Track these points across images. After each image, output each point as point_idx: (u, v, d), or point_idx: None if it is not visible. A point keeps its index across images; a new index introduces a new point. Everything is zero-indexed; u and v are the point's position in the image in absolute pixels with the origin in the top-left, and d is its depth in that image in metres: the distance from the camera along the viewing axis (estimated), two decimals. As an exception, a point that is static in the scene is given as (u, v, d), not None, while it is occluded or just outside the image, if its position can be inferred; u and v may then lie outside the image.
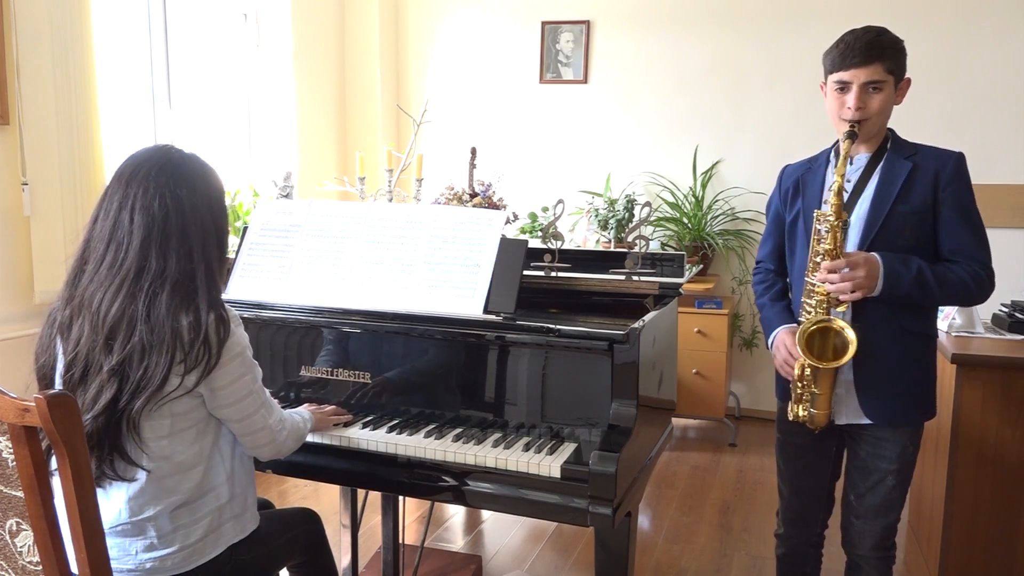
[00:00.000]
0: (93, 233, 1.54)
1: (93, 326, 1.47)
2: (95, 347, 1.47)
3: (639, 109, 4.72)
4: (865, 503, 1.96)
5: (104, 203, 1.54)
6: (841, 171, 1.81)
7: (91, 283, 1.50)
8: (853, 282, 1.78)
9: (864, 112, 1.84)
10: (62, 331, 1.52)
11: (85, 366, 1.47)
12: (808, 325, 1.85)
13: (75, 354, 1.48)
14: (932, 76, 4.11)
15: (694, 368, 4.22)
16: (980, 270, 1.84)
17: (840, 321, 1.83)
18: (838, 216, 1.80)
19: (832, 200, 1.80)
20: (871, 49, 1.82)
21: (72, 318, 1.50)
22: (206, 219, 1.55)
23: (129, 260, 1.49)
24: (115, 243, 1.50)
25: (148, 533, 1.50)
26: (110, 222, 1.52)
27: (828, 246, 1.81)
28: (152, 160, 1.55)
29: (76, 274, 1.54)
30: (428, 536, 3.08)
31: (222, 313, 1.51)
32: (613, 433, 1.67)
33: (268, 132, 4.45)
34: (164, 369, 1.45)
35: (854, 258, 1.80)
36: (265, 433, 1.61)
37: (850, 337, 1.80)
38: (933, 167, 1.85)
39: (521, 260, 1.90)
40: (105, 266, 1.50)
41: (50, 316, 1.55)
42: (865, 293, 1.80)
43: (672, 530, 3.25)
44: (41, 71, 2.83)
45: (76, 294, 1.52)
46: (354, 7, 4.89)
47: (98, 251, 1.52)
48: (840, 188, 1.80)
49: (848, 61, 1.84)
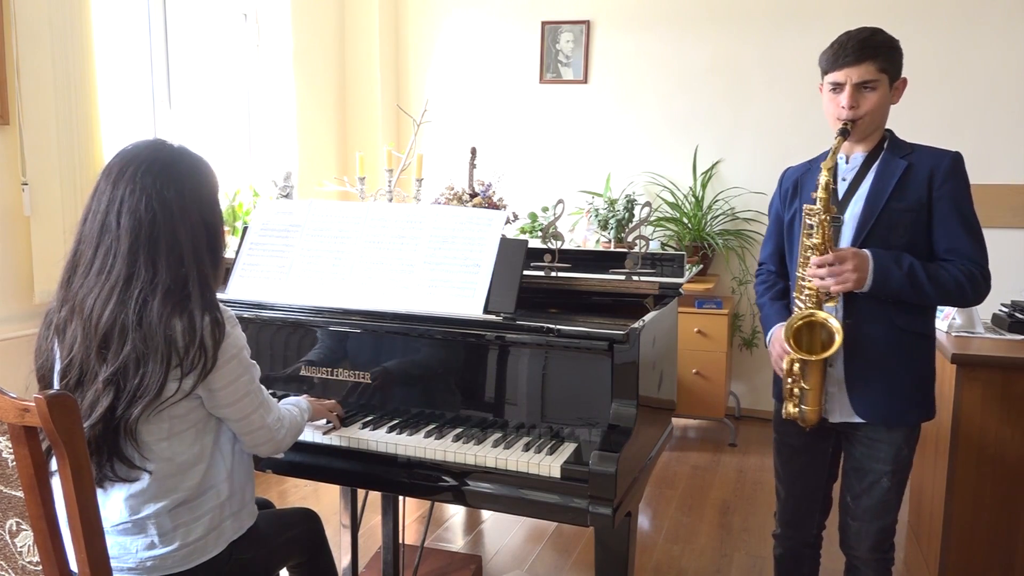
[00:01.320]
0: (83, 233, 1.50)
1: (86, 332, 1.45)
2: (89, 354, 1.44)
3: (639, 109, 4.72)
4: (861, 505, 1.96)
5: (93, 201, 1.50)
6: (828, 165, 1.81)
7: (82, 287, 1.47)
8: (840, 276, 1.79)
9: (857, 111, 1.85)
10: (58, 333, 1.50)
11: (80, 372, 1.46)
12: (795, 320, 1.86)
13: (70, 359, 1.46)
14: (932, 76, 4.12)
15: (694, 368, 4.22)
16: (975, 270, 1.83)
17: (823, 312, 1.84)
18: (826, 210, 1.81)
19: (820, 195, 1.81)
20: (863, 48, 1.83)
21: (67, 321, 1.48)
22: (196, 221, 1.51)
23: (118, 266, 1.45)
24: (103, 247, 1.46)
25: (149, 531, 1.49)
26: (98, 224, 1.48)
27: (817, 241, 1.82)
28: (140, 158, 1.49)
29: (69, 275, 1.51)
30: (428, 536, 3.08)
31: (217, 315, 1.48)
32: (613, 433, 1.67)
33: (268, 132, 4.45)
34: (160, 377, 1.43)
35: (842, 253, 1.80)
36: (263, 432, 1.61)
37: (835, 327, 1.81)
38: (928, 166, 1.85)
39: (521, 260, 1.90)
40: (95, 271, 1.47)
41: (47, 317, 1.53)
42: (852, 287, 1.80)
43: (672, 530, 3.25)
44: (41, 71, 2.83)
45: (69, 296, 1.49)
46: (354, 7, 4.89)
47: (87, 254, 1.48)
48: (828, 183, 1.81)
49: (841, 61, 1.85)
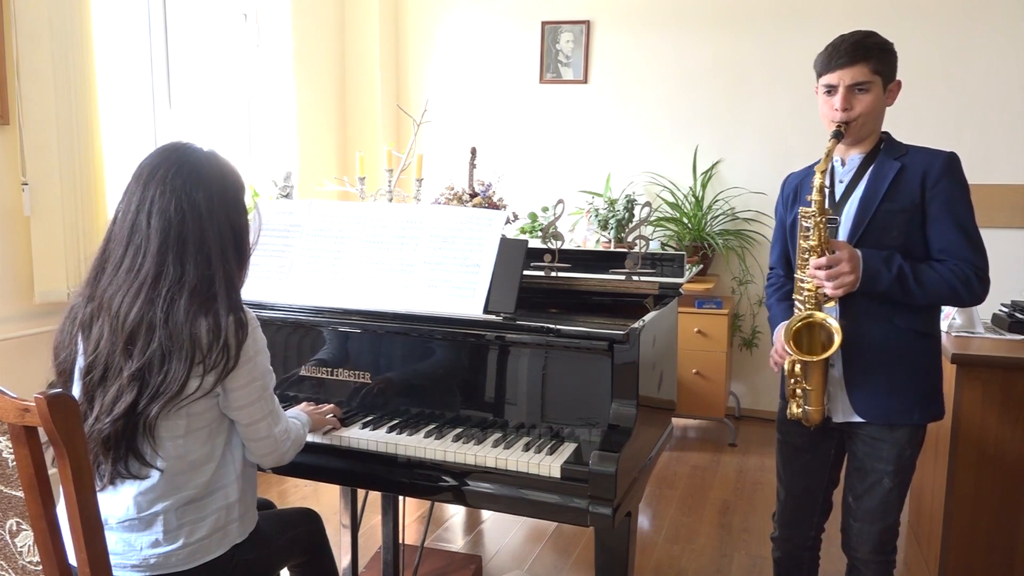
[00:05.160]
0: (113, 232, 1.54)
1: (113, 329, 1.48)
2: (115, 350, 1.47)
3: (639, 109, 4.72)
4: (863, 505, 1.96)
5: (123, 203, 1.54)
6: (822, 168, 1.82)
7: (111, 284, 1.51)
8: (837, 280, 1.80)
9: (850, 113, 1.85)
10: (83, 329, 1.52)
11: (105, 368, 1.48)
12: (794, 321, 1.87)
13: (95, 356, 1.49)
14: (932, 76, 4.12)
15: (694, 368, 4.22)
16: (969, 271, 1.82)
17: (821, 313, 1.84)
18: (821, 212, 1.81)
19: (815, 197, 1.81)
20: (856, 50, 1.84)
21: (93, 318, 1.51)
22: (223, 222, 1.54)
23: (147, 265, 1.48)
24: (133, 246, 1.50)
25: (155, 528, 1.50)
26: (128, 224, 1.51)
27: (813, 243, 1.83)
28: (170, 160, 1.53)
29: (97, 272, 1.54)
30: (428, 536, 3.08)
31: (241, 316, 1.51)
32: (613, 433, 1.67)
33: (268, 132, 4.45)
34: (183, 375, 1.45)
35: (837, 245, 1.81)
36: (268, 442, 1.61)
37: (834, 327, 1.81)
38: (921, 166, 1.86)
39: (521, 260, 1.91)
40: (124, 269, 1.50)
41: (71, 312, 1.55)
42: (850, 289, 1.81)
43: (672, 530, 3.25)
44: (41, 71, 2.83)
45: (97, 294, 1.52)
46: (354, 7, 4.89)
47: (117, 253, 1.52)
48: (822, 185, 1.81)
49: (834, 63, 1.86)
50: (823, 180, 1.81)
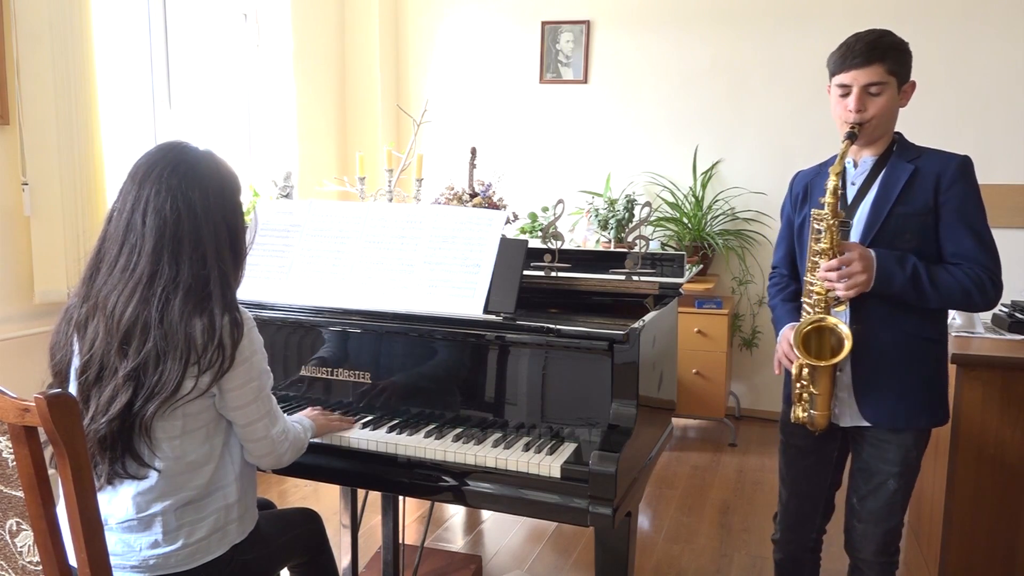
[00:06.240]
0: (108, 231, 1.53)
1: (108, 329, 1.47)
2: (110, 350, 1.47)
3: (639, 109, 4.72)
4: (867, 507, 1.95)
5: (119, 201, 1.53)
6: (836, 170, 1.80)
7: (106, 284, 1.50)
8: (850, 280, 1.78)
9: (864, 115, 1.83)
10: (79, 329, 1.52)
11: (100, 368, 1.48)
12: (804, 325, 1.85)
13: (90, 355, 1.48)
14: (934, 76, 4.11)
15: (694, 368, 4.22)
16: (983, 275, 1.81)
17: (832, 318, 1.83)
18: (834, 215, 1.79)
19: (828, 200, 1.79)
20: (872, 50, 1.81)
21: (88, 317, 1.51)
22: (219, 222, 1.54)
23: (142, 265, 1.48)
24: (128, 245, 1.50)
25: (154, 529, 1.50)
26: (123, 223, 1.51)
27: (825, 245, 1.81)
28: (166, 159, 1.53)
29: (92, 272, 1.53)
30: (428, 536, 3.08)
31: (236, 316, 1.51)
32: (613, 433, 1.67)
33: (268, 132, 4.45)
34: (178, 375, 1.45)
35: (848, 246, 1.79)
36: (266, 443, 1.60)
37: (844, 333, 1.79)
38: (935, 170, 1.84)
39: (521, 260, 1.90)
40: (119, 268, 1.50)
41: (67, 312, 1.55)
42: (863, 290, 1.79)
43: (672, 530, 3.25)
44: (41, 71, 2.83)
45: (92, 293, 1.52)
46: (354, 7, 4.89)
47: (112, 252, 1.51)
48: (836, 188, 1.79)
49: (849, 63, 1.83)
50: (837, 182, 1.79)
